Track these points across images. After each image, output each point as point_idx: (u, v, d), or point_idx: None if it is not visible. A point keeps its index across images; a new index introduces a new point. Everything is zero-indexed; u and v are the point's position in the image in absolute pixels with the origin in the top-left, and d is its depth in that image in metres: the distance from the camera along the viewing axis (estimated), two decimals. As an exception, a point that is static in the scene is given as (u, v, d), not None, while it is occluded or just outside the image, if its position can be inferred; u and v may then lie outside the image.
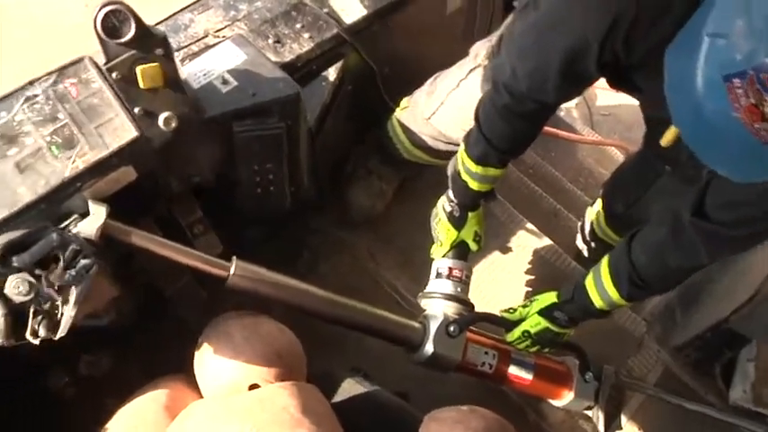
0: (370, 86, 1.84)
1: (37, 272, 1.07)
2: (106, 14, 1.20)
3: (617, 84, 1.31)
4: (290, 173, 1.49)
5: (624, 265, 1.39)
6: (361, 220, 2.03)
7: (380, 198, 2.01)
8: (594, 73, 1.20)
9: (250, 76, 1.44)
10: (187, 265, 1.26)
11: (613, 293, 1.41)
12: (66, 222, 1.21)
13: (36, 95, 1.27)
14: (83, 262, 1.09)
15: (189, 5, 1.69)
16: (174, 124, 1.26)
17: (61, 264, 1.08)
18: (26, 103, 1.27)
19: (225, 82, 1.42)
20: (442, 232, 1.59)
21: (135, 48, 1.22)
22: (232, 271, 1.25)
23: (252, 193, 1.50)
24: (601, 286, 1.43)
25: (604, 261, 1.45)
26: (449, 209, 1.57)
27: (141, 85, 1.22)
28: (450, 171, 1.56)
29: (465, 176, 1.49)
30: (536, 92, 1.28)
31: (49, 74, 1.29)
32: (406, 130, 1.84)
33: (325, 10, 1.68)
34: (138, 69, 1.21)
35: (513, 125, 1.38)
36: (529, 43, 1.28)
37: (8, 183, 1.22)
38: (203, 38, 1.59)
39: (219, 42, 1.55)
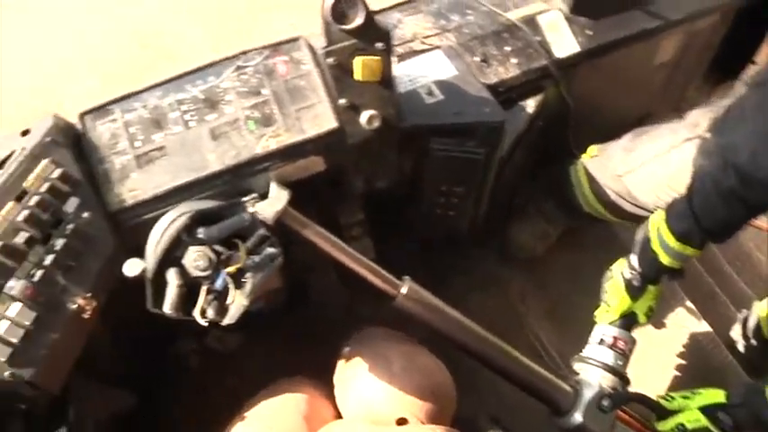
0: (560, 125, 1.73)
1: (218, 248, 1.01)
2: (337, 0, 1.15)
3: None
4: (473, 200, 1.40)
5: None
6: (520, 258, 1.91)
7: (543, 240, 1.90)
8: None
9: (457, 92, 1.36)
10: (358, 274, 1.19)
11: None
12: (244, 200, 1.16)
13: (246, 66, 1.24)
14: (269, 250, 1.03)
15: (398, 5, 1.64)
16: (376, 124, 1.19)
17: (245, 247, 1.02)
18: (235, 72, 1.24)
19: (430, 93, 1.35)
20: (615, 298, 1.45)
21: (358, 37, 1.16)
22: (404, 291, 1.17)
23: (430, 212, 1.42)
24: None
25: None
26: (628, 276, 1.43)
27: (358, 76, 1.16)
28: (639, 237, 1.42)
29: (657, 248, 1.35)
30: None
31: (264, 48, 1.25)
32: (590, 179, 1.71)
33: (538, 38, 1.58)
34: (359, 60, 1.14)
35: (732, 209, 1.22)
36: None
37: (200, 147, 1.19)
38: (410, 41, 1.52)
39: (428, 50, 1.48)
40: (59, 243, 1.10)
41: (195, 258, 0.99)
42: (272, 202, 1.16)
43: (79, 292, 1.09)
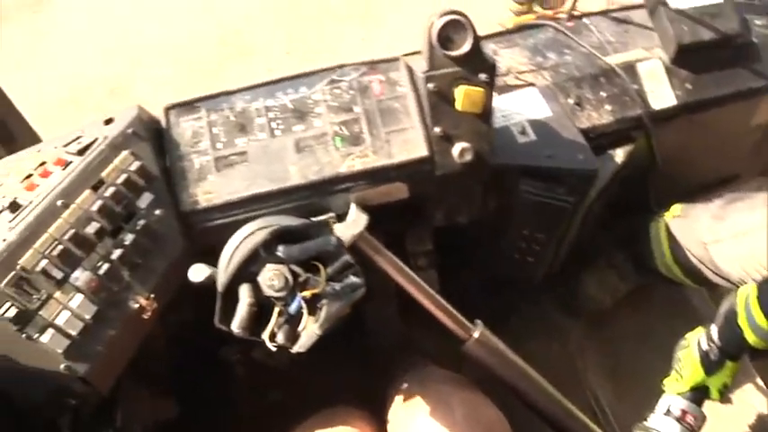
0: (643, 178, 1.65)
1: (296, 269, 0.94)
2: (447, 23, 1.10)
3: None
4: (554, 247, 1.34)
5: None
6: (584, 310, 1.83)
7: (611, 294, 1.81)
8: None
9: (551, 134, 1.30)
10: (429, 312, 1.13)
11: None
12: (320, 219, 1.12)
13: (340, 81, 1.20)
14: (352, 280, 0.96)
15: (494, 35, 1.59)
16: (468, 157, 1.14)
17: (326, 272, 0.95)
18: (329, 85, 1.20)
19: (523, 132, 1.29)
20: (688, 368, 1.36)
21: (463, 65, 1.11)
22: (476, 335, 1.11)
23: (507, 255, 1.35)
24: None
25: None
26: (705, 347, 1.34)
27: (458, 105, 1.10)
28: (723, 309, 1.33)
29: (744, 325, 1.26)
30: None
31: (361, 64, 1.21)
32: (671, 240, 1.62)
33: (635, 87, 1.50)
34: (461, 89, 1.09)
35: None
36: None
37: (283, 157, 1.15)
38: (504, 75, 1.46)
39: (522, 86, 1.42)
40: (129, 238, 1.06)
41: (271, 277, 0.92)
42: (350, 225, 1.11)
43: (142, 292, 1.06)
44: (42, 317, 0.99)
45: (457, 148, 1.13)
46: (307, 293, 0.92)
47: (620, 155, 1.49)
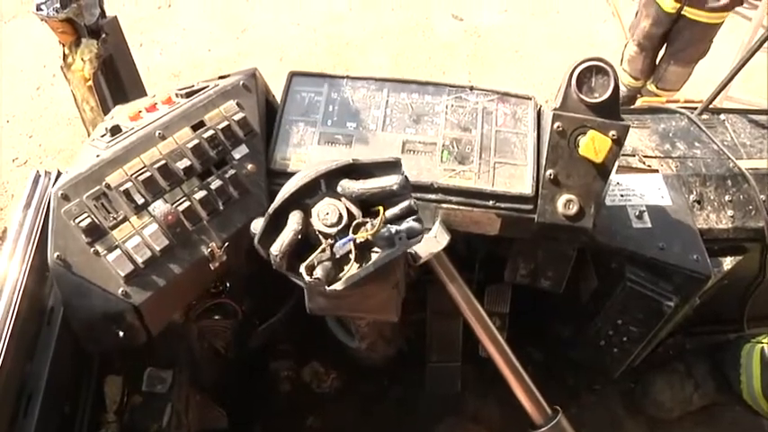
0: (743, 293, 1.53)
1: (354, 211, 0.86)
2: (590, 68, 1.06)
3: None
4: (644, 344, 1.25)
5: None
6: (650, 413, 1.69)
7: (683, 405, 1.67)
8: None
9: (668, 226, 1.22)
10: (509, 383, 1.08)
11: None
12: (389, 159, 1.05)
13: (467, 100, 1.18)
14: (411, 224, 0.85)
15: (625, 110, 1.52)
16: (572, 210, 1.06)
17: (384, 216, 0.85)
18: (454, 101, 1.18)
19: (639, 216, 1.22)
20: None
21: (597, 114, 1.05)
22: (552, 422, 1.05)
23: (592, 341, 1.28)
24: None
25: None
26: None
27: (580, 149, 1.04)
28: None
29: None
30: None
31: (492, 91, 1.19)
32: (764, 369, 1.49)
33: (763, 197, 1.40)
34: (590, 133, 1.03)
35: None
36: None
37: (385, 152, 1.11)
38: (630, 155, 1.39)
39: (645, 170, 1.36)
40: (215, 183, 1.06)
41: (326, 210, 0.86)
42: (430, 242, 1.06)
43: (215, 239, 1.04)
44: (114, 236, 0.99)
45: (563, 199, 1.07)
46: (359, 236, 0.84)
47: (727, 263, 1.38)
